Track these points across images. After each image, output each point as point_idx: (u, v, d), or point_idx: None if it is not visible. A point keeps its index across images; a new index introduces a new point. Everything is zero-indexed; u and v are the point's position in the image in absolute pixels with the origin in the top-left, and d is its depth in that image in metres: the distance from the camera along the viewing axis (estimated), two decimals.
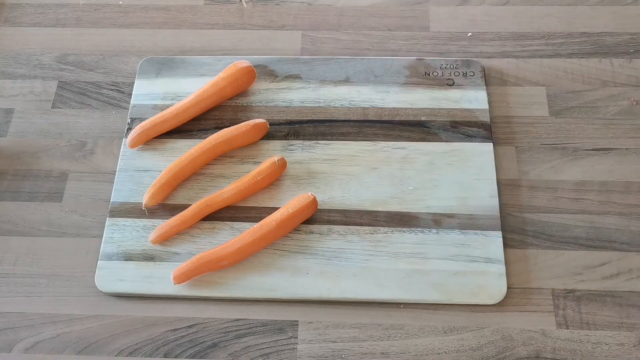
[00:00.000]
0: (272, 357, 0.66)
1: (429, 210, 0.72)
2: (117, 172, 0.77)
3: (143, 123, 0.78)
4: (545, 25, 0.86)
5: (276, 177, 0.74)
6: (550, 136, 0.77)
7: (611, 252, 0.70)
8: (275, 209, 0.72)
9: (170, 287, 0.69)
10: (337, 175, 0.75)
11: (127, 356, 0.67)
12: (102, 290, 0.70)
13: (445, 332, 0.66)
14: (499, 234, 0.70)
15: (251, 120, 0.77)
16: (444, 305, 0.68)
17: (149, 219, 0.73)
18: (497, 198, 0.72)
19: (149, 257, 0.71)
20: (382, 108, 0.79)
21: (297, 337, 0.67)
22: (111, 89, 0.84)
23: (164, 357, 0.66)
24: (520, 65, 0.83)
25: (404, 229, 0.71)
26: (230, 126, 0.77)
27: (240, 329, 0.68)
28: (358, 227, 0.72)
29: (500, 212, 0.72)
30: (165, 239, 0.71)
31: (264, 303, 0.69)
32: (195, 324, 0.68)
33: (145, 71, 0.84)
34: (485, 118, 0.78)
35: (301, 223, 0.72)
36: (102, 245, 0.72)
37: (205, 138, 0.76)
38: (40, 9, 0.92)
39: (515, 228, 0.72)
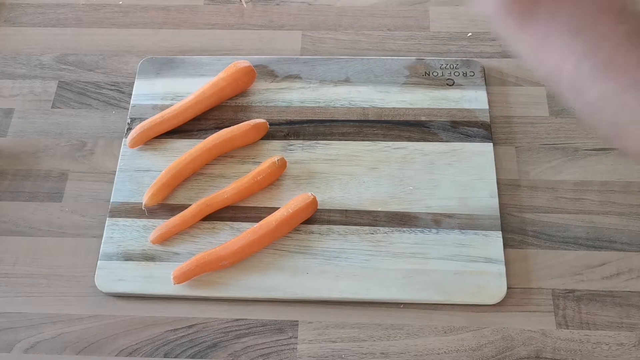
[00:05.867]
0: (272, 357, 0.66)
1: (428, 210, 0.72)
2: (117, 172, 0.77)
3: (143, 123, 0.78)
4: None
5: (276, 177, 0.74)
6: (550, 136, 0.77)
7: (611, 252, 0.70)
8: (275, 209, 0.72)
9: (170, 287, 0.69)
10: (337, 175, 0.75)
11: (127, 356, 0.67)
12: (102, 290, 0.70)
13: (445, 332, 0.66)
14: (499, 234, 0.70)
15: (251, 120, 0.77)
16: (444, 305, 0.68)
17: (148, 219, 0.73)
18: (497, 198, 0.72)
19: (149, 257, 0.71)
20: (382, 108, 0.79)
21: (297, 337, 0.67)
22: (111, 89, 0.84)
23: (164, 357, 0.66)
24: (520, 65, 0.83)
25: (404, 229, 0.71)
26: (230, 126, 0.77)
27: (240, 329, 0.68)
28: (358, 227, 0.72)
29: (500, 212, 0.72)
30: (165, 239, 0.71)
31: (264, 303, 0.69)
32: (195, 324, 0.68)
33: (145, 71, 0.84)
34: (485, 118, 0.78)
35: (301, 223, 0.72)
36: (102, 245, 0.72)
37: (205, 138, 0.76)
38: (40, 9, 0.92)
39: (515, 228, 0.72)
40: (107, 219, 0.73)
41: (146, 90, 0.82)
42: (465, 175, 0.74)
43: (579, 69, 0.44)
